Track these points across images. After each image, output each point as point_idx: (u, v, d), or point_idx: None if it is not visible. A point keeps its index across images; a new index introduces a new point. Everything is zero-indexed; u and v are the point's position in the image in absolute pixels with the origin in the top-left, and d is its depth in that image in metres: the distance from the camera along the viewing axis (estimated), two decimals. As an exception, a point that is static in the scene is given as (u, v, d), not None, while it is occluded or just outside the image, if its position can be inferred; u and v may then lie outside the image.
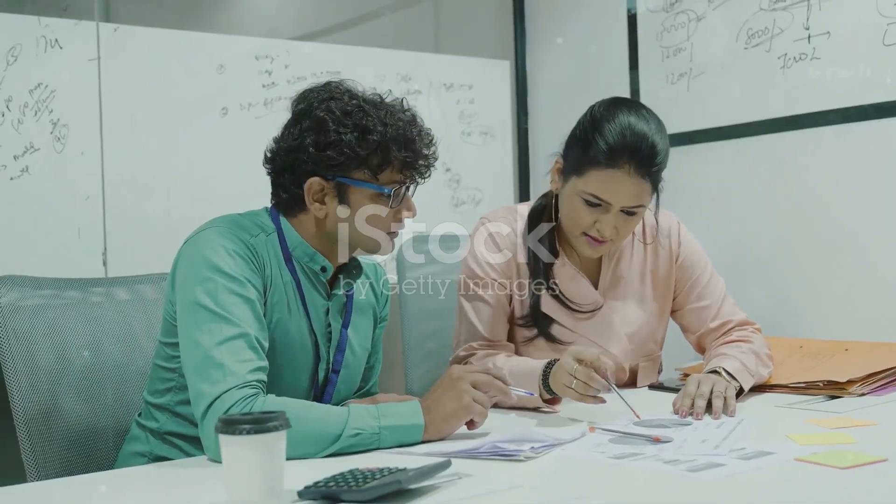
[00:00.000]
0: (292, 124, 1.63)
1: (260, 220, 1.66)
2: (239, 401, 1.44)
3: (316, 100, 1.62)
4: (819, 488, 1.27)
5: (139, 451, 1.67)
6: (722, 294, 2.05)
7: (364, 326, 1.78)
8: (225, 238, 1.57)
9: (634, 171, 1.81)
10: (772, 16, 2.69)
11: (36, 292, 1.79)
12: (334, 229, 1.64)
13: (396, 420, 1.50)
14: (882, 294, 2.49)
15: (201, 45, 2.82)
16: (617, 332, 1.99)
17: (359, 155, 1.58)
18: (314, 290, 1.67)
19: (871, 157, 2.51)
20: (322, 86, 1.65)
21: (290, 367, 1.63)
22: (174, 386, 1.64)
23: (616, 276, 2.02)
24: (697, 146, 2.90)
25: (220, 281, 1.52)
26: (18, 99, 2.50)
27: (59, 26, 2.55)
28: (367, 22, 3.35)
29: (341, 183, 1.60)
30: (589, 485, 1.35)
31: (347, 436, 1.46)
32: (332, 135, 1.57)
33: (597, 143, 1.82)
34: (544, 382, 1.76)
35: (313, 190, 1.60)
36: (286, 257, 1.64)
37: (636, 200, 1.85)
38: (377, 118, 1.59)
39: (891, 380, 1.95)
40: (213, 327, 1.50)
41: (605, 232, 1.86)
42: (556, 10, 3.39)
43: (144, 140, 2.70)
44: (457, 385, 1.53)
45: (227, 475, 1.17)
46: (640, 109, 1.88)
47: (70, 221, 2.57)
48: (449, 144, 3.28)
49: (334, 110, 1.59)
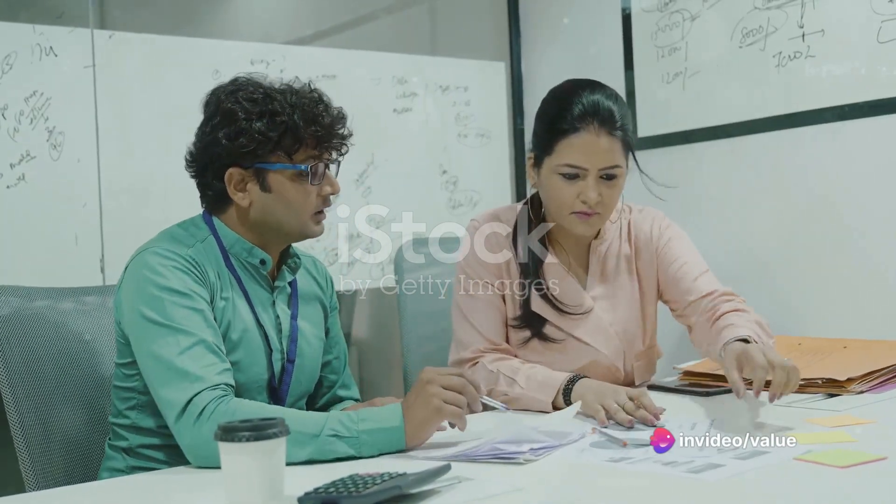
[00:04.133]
0: (204, 123, 1.67)
1: (194, 228, 1.69)
2: (212, 401, 1.47)
3: (223, 93, 1.66)
4: (819, 487, 1.27)
5: (117, 468, 1.68)
6: (703, 267, 2.02)
7: (314, 316, 1.81)
8: (162, 256, 1.59)
9: (600, 128, 1.85)
10: (766, 14, 2.70)
11: (34, 300, 1.79)
12: (260, 216, 1.66)
13: (375, 424, 1.49)
14: (880, 291, 2.49)
15: (196, 50, 2.82)
16: (607, 332, 2.00)
17: (270, 138, 1.61)
18: (256, 284, 1.70)
19: (866, 155, 2.51)
20: (228, 82, 1.69)
21: (244, 362, 1.65)
22: (136, 404, 1.66)
23: (604, 275, 2.02)
24: (693, 145, 2.91)
25: (167, 297, 1.55)
26: (14, 107, 2.49)
27: (53, 34, 2.55)
28: (363, 25, 3.35)
29: (259, 169, 1.63)
30: (590, 487, 1.35)
31: (326, 435, 1.46)
32: (243, 123, 1.61)
33: (559, 116, 1.88)
34: (565, 393, 1.79)
35: (234, 180, 1.64)
36: (224, 257, 1.66)
37: (610, 158, 1.87)
38: (284, 101, 1.63)
39: (889, 377, 1.95)
40: (169, 340, 1.52)
41: (590, 198, 1.87)
42: (550, 11, 3.39)
43: (141, 146, 2.70)
44: (426, 389, 1.50)
45: (228, 482, 1.17)
46: (592, 82, 1.94)
47: (67, 229, 2.57)
48: (445, 146, 3.28)
49: (241, 100, 1.63)
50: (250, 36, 3.02)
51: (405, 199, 3.07)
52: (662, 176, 1.99)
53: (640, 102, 3.05)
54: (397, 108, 3.18)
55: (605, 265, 2.03)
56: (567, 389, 1.79)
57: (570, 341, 1.98)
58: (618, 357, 2.01)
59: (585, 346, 1.98)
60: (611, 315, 2.01)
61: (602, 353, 1.99)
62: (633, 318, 2.04)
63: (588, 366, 1.97)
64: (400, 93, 3.19)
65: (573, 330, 1.98)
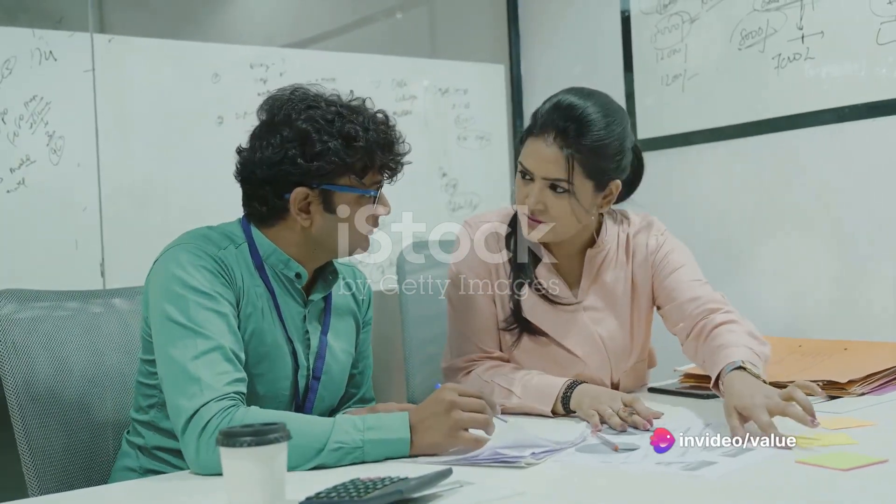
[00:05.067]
0: (269, 135, 1.62)
1: (230, 231, 1.66)
2: (217, 413, 1.45)
3: (294, 110, 1.61)
4: (821, 490, 1.27)
5: (130, 466, 1.67)
6: (698, 277, 1.98)
7: (345, 331, 1.78)
8: (192, 254, 1.57)
9: (554, 140, 1.81)
10: (765, 16, 2.70)
11: (35, 304, 1.79)
12: (320, 236, 1.64)
13: (381, 434, 1.48)
14: (880, 293, 2.49)
15: (196, 54, 2.82)
16: (595, 343, 1.97)
17: (346, 162, 1.59)
18: (289, 297, 1.67)
19: (866, 156, 2.51)
20: (292, 93, 1.65)
21: (269, 376, 1.63)
22: (156, 402, 1.64)
23: (597, 285, 1.99)
24: (693, 147, 2.91)
25: (191, 297, 1.53)
26: (14, 111, 2.49)
27: (53, 38, 2.55)
28: (362, 28, 3.35)
29: (326, 190, 1.61)
30: (591, 490, 1.35)
31: (330, 449, 1.45)
32: (318, 145, 1.58)
33: (531, 116, 1.88)
34: (564, 400, 1.78)
35: (298, 200, 1.61)
36: (258, 266, 1.64)
37: (552, 171, 1.82)
38: (359, 124, 1.60)
39: (890, 379, 1.95)
40: (187, 343, 1.51)
41: (528, 203, 1.85)
42: (549, 13, 3.40)
43: (140, 150, 2.70)
44: (450, 415, 1.47)
45: (229, 488, 1.17)
46: (587, 92, 1.88)
47: (67, 233, 2.57)
48: (445, 149, 3.29)
49: (317, 119, 1.59)
50: (250, 39, 3.02)
51: (405, 201, 3.06)
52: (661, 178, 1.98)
53: (639, 104, 3.06)
54: (397, 110, 3.18)
55: (600, 276, 1.99)
56: (566, 396, 1.79)
57: (558, 351, 1.96)
58: (604, 369, 1.98)
59: (573, 357, 1.95)
60: (600, 326, 1.98)
61: (588, 364, 1.96)
62: (622, 332, 2.00)
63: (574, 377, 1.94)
64: (399, 95, 3.20)
65: (561, 337, 1.95)
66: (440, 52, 3.44)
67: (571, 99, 1.84)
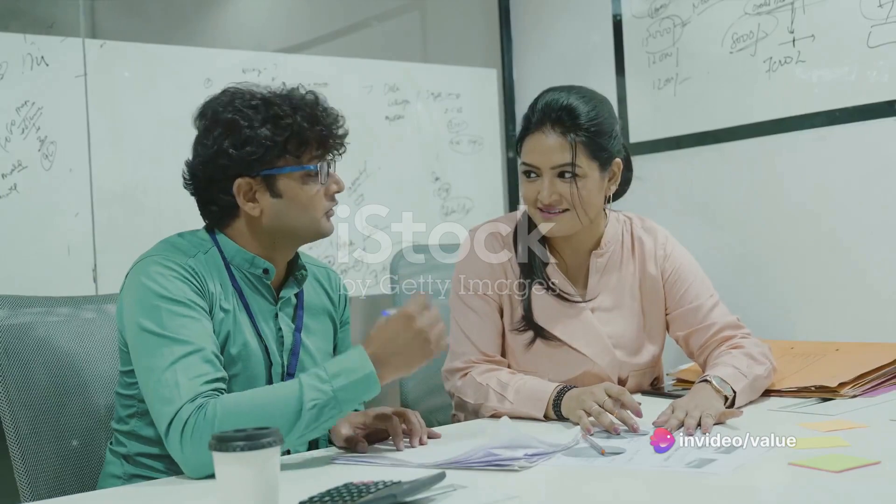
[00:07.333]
0: (202, 136, 1.66)
1: (197, 239, 1.68)
2: (193, 413, 1.46)
3: (218, 105, 1.65)
4: (814, 493, 1.28)
5: (115, 474, 1.68)
6: (710, 298, 2.04)
7: (321, 330, 1.80)
8: (161, 265, 1.59)
9: (552, 129, 1.90)
10: (756, 20, 2.71)
11: (27, 310, 1.79)
12: (274, 223, 1.66)
13: (348, 378, 1.49)
14: (870, 295, 2.49)
15: (188, 59, 2.82)
16: (603, 343, 1.99)
17: (276, 143, 1.61)
18: (259, 295, 1.69)
19: (856, 159, 2.52)
20: (219, 93, 1.68)
21: (244, 376, 1.64)
22: (136, 412, 1.66)
23: (605, 285, 2.02)
24: (684, 151, 2.91)
25: (164, 306, 1.55)
26: (5, 117, 2.49)
27: (45, 43, 2.55)
28: (354, 33, 3.35)
29: (267, 175, 1.63)
30: (586, 493, 1.35)
31: (307, 409, 1.46)
32: (247, 131, 1.61)
33: (524, 119, 1.95)
34: (555, 405, 1.79)
35: (243, 190, 1.63)
36: (227, 269, 1.66)
37: (560, 157, 1.89)
38: (284, 105, 1.63)
39: (882, 381, 1.96)
40: (164, 351, 1.52)
41: (544, 197, 1.90)
42: (541, 17, 3.40)
43: (133, 155, 2.70)
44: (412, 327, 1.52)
45: (222, 492, 1.17)
46: (566, 87, 1.96)
47: (60, 239, 2.56)
48: (438, 154, 3.29)
49: (241, 108, 1.62)
50: (242, 44, 3.02)
51: (398, 206, 3.07)
52: (654, 181, 1.99)
53: (631, 108, 3.06)
54: (389, 115, 3.19)
55: (606, 277, 2.02)
56: (557, 402, 1.79)
57: (566, 351, 1.98)
58: (612, 369, 2.00)
59: (581, 356, 1.97)
60: (608, 327, 2.00)
61: (597, 363, 1.98)
62: (631, 332, 2.03)
63: (582, 376, 1.96)
64: (392, 100, 3.20)
65: (569, 339, 1.98)
66: (432, 57, 3.44)
67: (555, 95, 1.93)
